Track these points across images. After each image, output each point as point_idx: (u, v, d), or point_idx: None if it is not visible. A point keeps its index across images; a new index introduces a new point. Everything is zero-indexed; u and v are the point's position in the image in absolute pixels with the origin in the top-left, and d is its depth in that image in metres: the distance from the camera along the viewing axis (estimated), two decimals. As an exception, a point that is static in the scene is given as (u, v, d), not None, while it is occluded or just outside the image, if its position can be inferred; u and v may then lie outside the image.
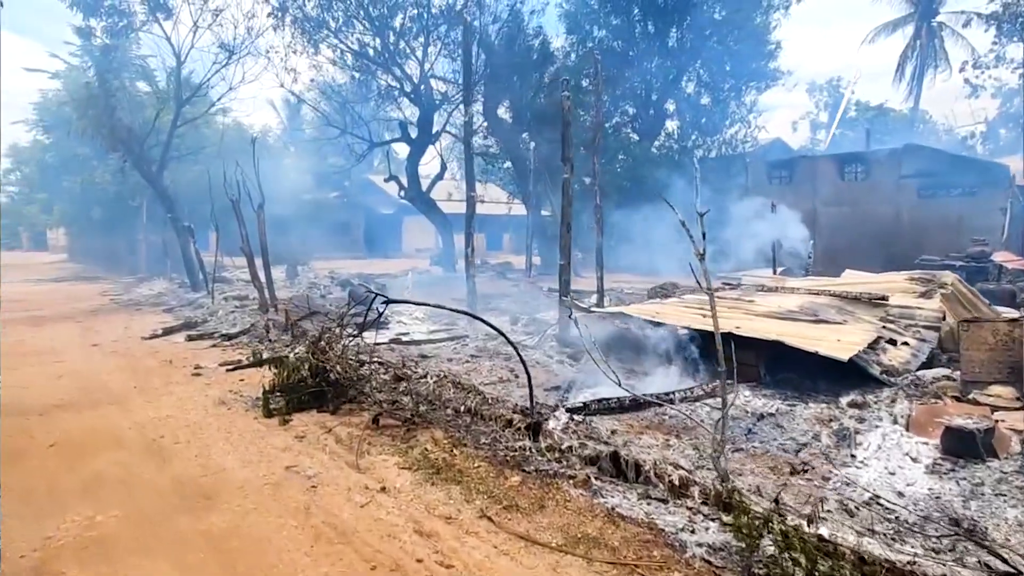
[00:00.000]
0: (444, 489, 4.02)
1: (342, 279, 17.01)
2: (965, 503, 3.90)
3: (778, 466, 4.62)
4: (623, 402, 5.85)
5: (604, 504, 3.79)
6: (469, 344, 8.97)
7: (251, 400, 6.08)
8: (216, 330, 9.97)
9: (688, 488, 3.78)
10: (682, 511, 3.67)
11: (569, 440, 4.60)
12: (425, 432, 5.09)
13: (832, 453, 4.84)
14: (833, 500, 3.95)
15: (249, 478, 4.20)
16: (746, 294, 8.73)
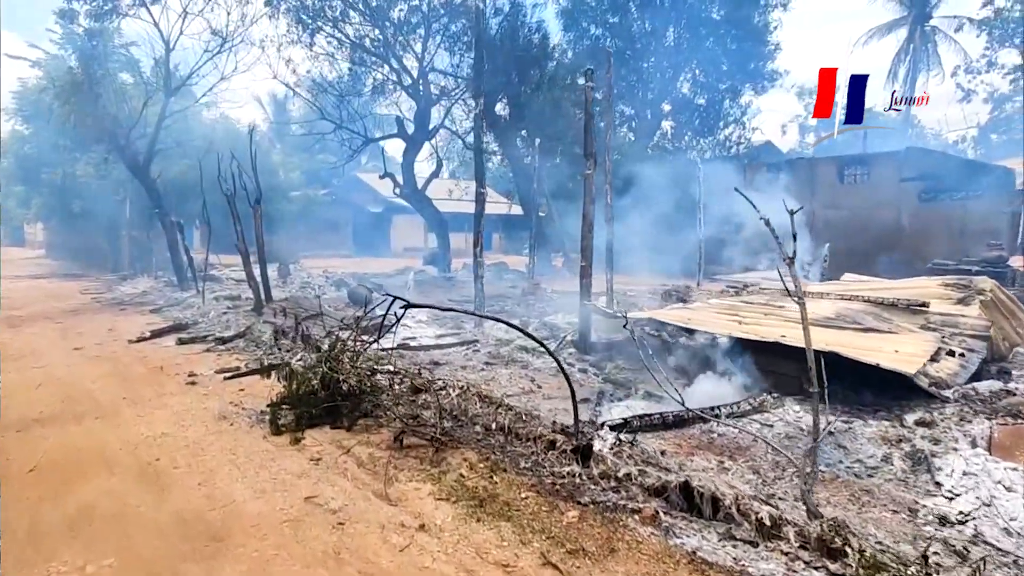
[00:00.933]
0: (493, 527, 3.47)
1: (336, 279, 16.35)
2: (1082, 542, 3.45)
3: (855, 495, 4.13)
4: (666, 418, 5.35)
5: (682, 546, 3.27)
6: (481, 350, 8.42)
7: (255, 414, 5.48)
8: (209, 333, 9.30)
9: (780, 530, 3.26)
10: (776, 556, 3.16)
11: (625, 465, 4.07)
12: (456, 453, 4.54)
13: (910, 480, 4.37)
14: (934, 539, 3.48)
15: (264, 512, 3.61)
16: (775, 299, 8.27)
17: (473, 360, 7.96)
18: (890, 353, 5.59)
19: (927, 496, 4.06)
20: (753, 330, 6.48)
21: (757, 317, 7.12)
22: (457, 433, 4.93)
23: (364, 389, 5.51)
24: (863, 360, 5.36)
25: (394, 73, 18.53)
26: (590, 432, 4.66)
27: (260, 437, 4.93)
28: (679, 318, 6.96)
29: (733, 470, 4.53)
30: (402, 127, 20.04)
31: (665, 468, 4.11)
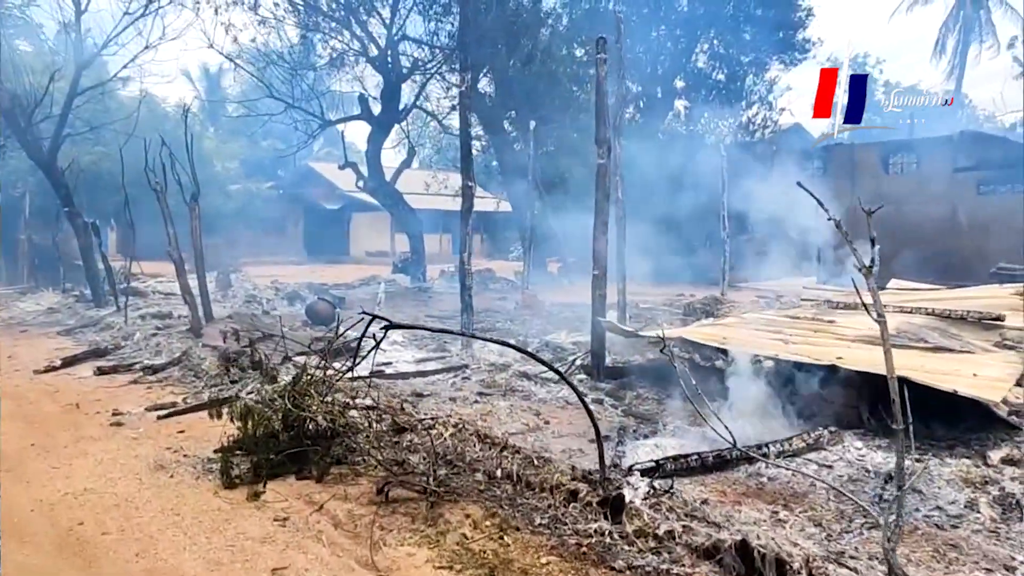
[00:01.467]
0: (512, 605, 3.36)
1: (289, 291, 16.17)
2: None
3: (939, 550, 4.10)
4: (705, 459, 5.30)
5: (744, 623, 3.18)
6: (472, 377, 8.33)
7: (201, 462, 5.33)
8: (135, 360, 9.10)
9: (868, 601, 3.20)
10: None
11: (665, 520, 3.99)
12: (455, 508, 4.43)
13: (1002, 530, 4.36)
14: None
15: (222, 591, 3.47)
16: (823, 313, 8.31)
17: (464, 390, 7.87)
18: (968, 377, 5.61)
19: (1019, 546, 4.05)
20: (804, 351, 6.47)
21: (805, 335, 7.14)
22: (454, 482, 4.82)
23: (336, 430, 5.38)
24: (939, 387, 5.36)
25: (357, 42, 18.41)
26: (618, 479, 4.58)
27: (209, 492, 4.77)
28: (713, 337, 6.94)
29: (790, 522, 4.48)
30: (367, 107, 19.93)
31: (714, 523, 4.04)
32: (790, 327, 7.48)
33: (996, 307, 8.12)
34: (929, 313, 7.90)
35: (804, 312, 8.47)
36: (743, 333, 7.26)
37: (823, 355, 6.30)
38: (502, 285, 19.30)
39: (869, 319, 8.04)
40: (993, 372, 5.80)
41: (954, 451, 5.50)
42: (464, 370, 8.53)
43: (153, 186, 10.50)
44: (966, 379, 5.58)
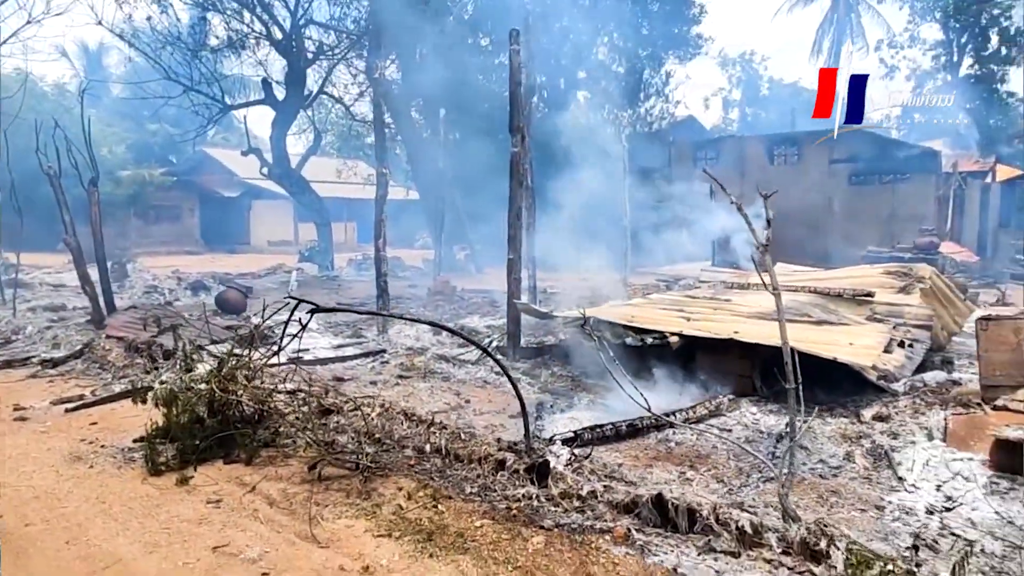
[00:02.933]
0: (450, 562, 3.56)
1: (193, 281, 15.55)
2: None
3: (822, 495, 4.63)
4: (619, 428, 5.68)
5: (661, 565, 3.52)
6: (390, 361, 8.42)
7: (121, 452, 5.21)
8: (31, 354, 8.60)
9: (761, 536, 3.61)
10: (759, 565, 3.49)
11: (587, 482, 4.30)
12: (387, 482, 4.58)
13: (873, 476, 4.95)
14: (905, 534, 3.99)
15: (164, 570, 3.49)
16: (720, 293, 8.91)
17: (383, 373, 7.97)
18: (846, 347, 6.24)
19: (891, 492, 4.62)
20: (703, 327, 6.98)
21: (706, 312, 7.66)
22: (384, 459, 4.97)
23: (264, 413, 5.40)
24: (822, 355, 5.95)
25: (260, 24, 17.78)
26: (541, 448, 4.86)
27: (135, 480, 4.69)
28: (622, 316, 7.34)
29: (696, 480, 4.92)
30: (270, 92, 19.30)
31: (631, 483, 4.39)
32: (691, 306, 8.00)
33: (867, 285, 8.95)
34: (812, 291, 8.61)
35: (703, 292, 9.06)
36: (650, 312, 7.71)
37: (721, 330, 6.80)
38: (411, 273, 19.29)
39: (761, 297, 8.75)
40: (866, 341, 6.48)
41: (833, 412, 6.14)
42: (382, 355, 8.61)
43: (46, 170, 9.87)
44: (844, 348, 6.22)
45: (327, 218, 20.57)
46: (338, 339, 9.55)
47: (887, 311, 8.11)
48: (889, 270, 9.45)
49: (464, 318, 11.09)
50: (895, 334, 7.10)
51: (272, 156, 19.67)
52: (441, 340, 9.47)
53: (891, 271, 9.37)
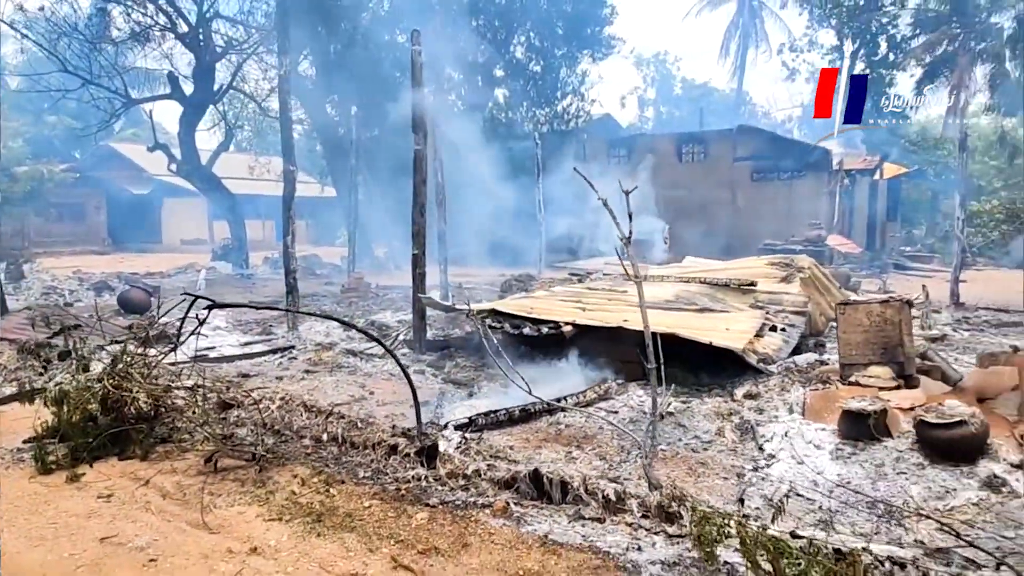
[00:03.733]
0: (335, 539, 3.76)
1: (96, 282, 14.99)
2: (874, 485, 4.59)
3: (692, 468, 5.05)
4: (512, 413, 5.96)
5: (534, 532, 3.82)
6: (298, 357, 8.48)
7: (9, 453, 5.11)
8: (-88, 358, 8.20)
9: (624, 503, 3.96)
10: (622, 528, 3.84)
11: (473, 462, 4.57)
12: (283, 471, 4.72)
13: (739, 448, 5.42)
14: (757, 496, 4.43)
15: (49, 562, 3.54)
16: (618, 285, 9.35)
17: (290, 369, 8.02)
18: (722, 331, 6.74)
19: (752, 461, 5.09)
20: (597, 316, 7.36)
21: (601, 303, 8.06)
22: (282, 449, 5.10)
23: (160, 410, 5.41)
24: (698, 339, 6.42)
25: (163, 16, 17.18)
26: (434, 433, 5.10)
27: (23, 479, 4.65)
28: (521, 308, 7.65)
29: (581, 458, 5.26)
30: (177, 86, 18.69)
31: (514, 461, 4.68)
32: (589, 297, 8.40)
33: (753, 275, 9.58)
34: (702, 282, 9.18)
35: (602, 284, 9.49)
36: (548, 303, 8.06)
37: (613, 319, 7.18)
38: (329, 270, 19.16)
39: (655, 288, 9.22)
40: (741, 326, 7.00)
41: (711, 392, 6.62)
42: (290, 351, 8.64)
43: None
44: (720, 333, 6.71)
45: (240, 216, 20.13)
46: (247, 336, 9.50)
47: (768, 299, 8.74)
48: (773, 261, 10.14)
49: (376, 314, 11.19)
50: (769, 319, 7.68)
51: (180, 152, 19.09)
52: (351, 335, 9.54)
53: (775, 262, 10.06)
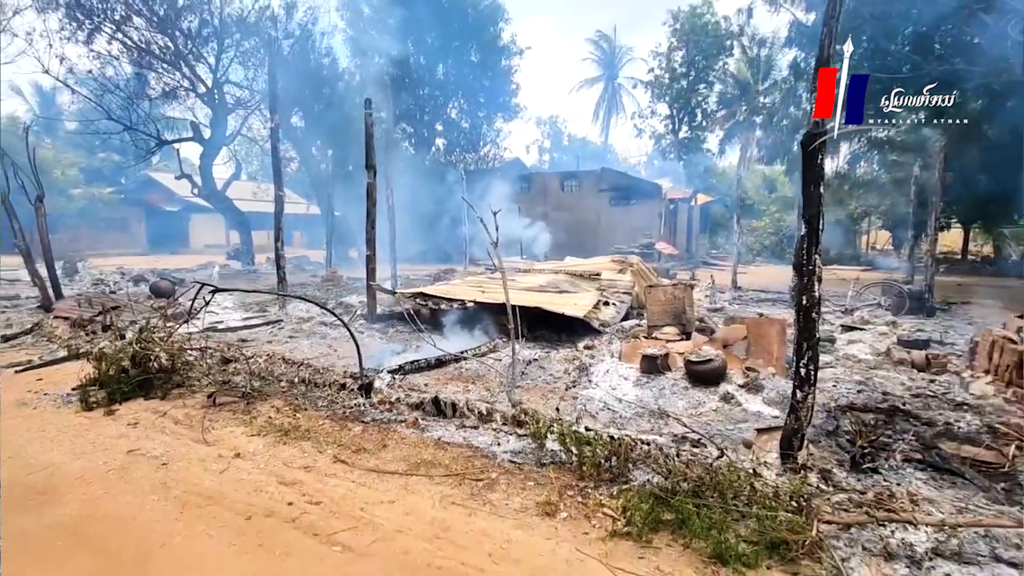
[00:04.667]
0: (296, 446, 3.91)
1: (135, 275, 14.14)
2: (656, 400, 5.07)
3: (544, 394, 5.41)
4: (430, 361, 6.17)
5: (432, 437, 4.09)
6: (285, 328, 8.38)
7: (60, 398, 4.96)
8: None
9: (492, 416, 4.29)
10: (489, 432, 4.16)
11: (396, 393, 4.78)
12: (265, 404, 4.79)
13: (577, 381, 5.83)
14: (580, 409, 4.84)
15: (87, 468, 3.55)
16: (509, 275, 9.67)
17: (279, 336, 7.92)
18: (571, 306, 7.15)
19: (584, 389, 5.50)
20: (491, 296, 7.65)
21: (496, 287, 8.35)
22: (266, 389, 5.15)
23: (176, 365, 5.36)
24: (555, 310, 6.80)
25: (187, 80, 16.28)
26: (373, 375, 5.28)
27: (71, 414, 4.55)
28: (439, 291, 7.86)
29: (473, 390, 5.53)
30: (198, 131, 17.72)
31: (424, 392, 4.93)
32: (489, 284, 8.68)
33: (599, 268, 10.09)
34: (567, 273, 9.61)
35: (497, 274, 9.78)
36: (458, 288, 8.29)
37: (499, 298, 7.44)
38: (315, 267, 18.66)
39: (535, 277, 9.46)
40: (583, 301, 7.43)
41: (565, 346, 7.01)
42: (279, 323, 8.52)
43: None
44: (569, 306, 7.11)
45: (248, 227, 19.29)
46: (248, 314, 9.30)
47: (608, 284, 9.27)
48: (614, 259, 10.69)
49: (345, 297, 11.12)
50: (604, 297, 8.17)
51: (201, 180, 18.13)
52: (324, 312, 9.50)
53: (615, 260, 10.61)
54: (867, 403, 4.74)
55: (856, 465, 3.57)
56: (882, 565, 2.51)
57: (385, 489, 3.30)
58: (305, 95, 17.44)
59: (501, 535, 2.80)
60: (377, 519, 2.95)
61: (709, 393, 5.24)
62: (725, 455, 3.04)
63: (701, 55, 32.23)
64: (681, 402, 5.07)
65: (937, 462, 3.67)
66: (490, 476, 3.45)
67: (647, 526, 2.77)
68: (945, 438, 4.05)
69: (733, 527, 2.74)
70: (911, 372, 5.91)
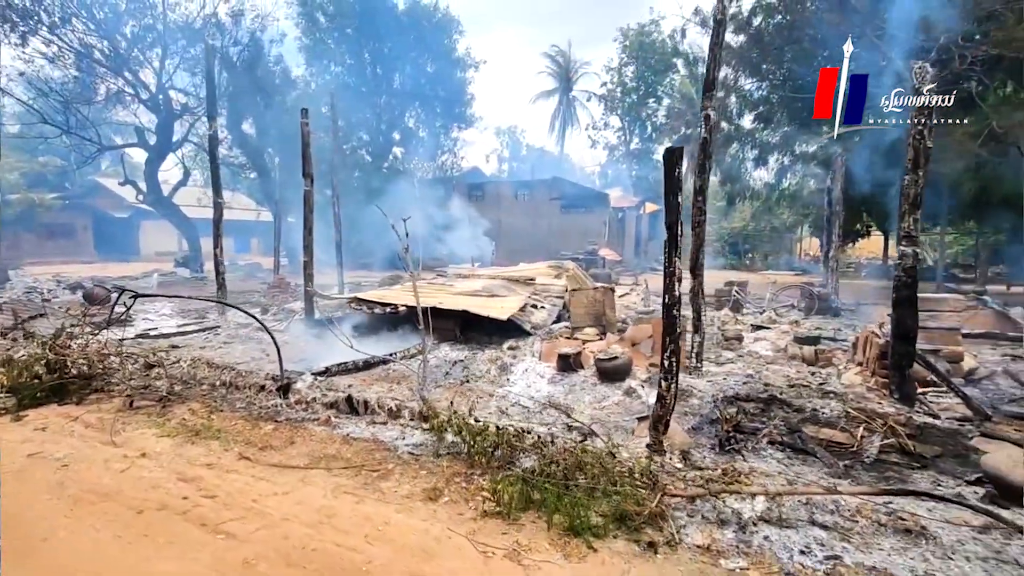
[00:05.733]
0: (204, 446, 3.97)
1: (72, 283, 13.57)
2: (565, 396, 5.33)
3: (463, 392, 5.59)
4: (358, 363, 6.27)
5: (341, 433, 4.21)
6: (221, 334, 8.29)
7: (-33, 405, 4.83)
8: (-102, 342, 7.27)
9: (400, 412, 4.45)
10: (397, 427, 4.31)
11: (313, 393, 4.88)
12: (182, 407, 4.79)
13: (497, 379, 6.05)
14: (494, 406, 5.06)
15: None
16: (450, 279, 9.85)
17: (213, 341, 7.84)
18: (498, 309, 7.37)
19: (501, 387, 5.71)
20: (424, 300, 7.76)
21: (432, 292, 8.50)
22: (186, 393, 5.13)
23: (96, 371, 5.29)
24: (481, 313, 7.01)
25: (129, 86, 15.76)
26: (295, 377, 5.34)
27: (-25, 422, 4.45)
28: (374, 296, 7.95)
29: (397, 390, 5.66)
30: (143, 137, 17.16)
31: (340, 391, 5.04)
32: (426, 288, 8.81)
33: (538, 273, 10.37)
34: (504, 278, 9.83)
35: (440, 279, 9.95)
36: (393, 293, 8.40)
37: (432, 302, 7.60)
38: (266, 274, 18.32)
39: (471, 282, 9.62)
40: (510, 304, 7.66)
41: (492, 347, 7.21)
42: (216, 329, 8.44)
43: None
44: (496, 309, 7.32)
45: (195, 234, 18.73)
46: (185, 320, 9.14)
47: (542, 288, 9.55)
48: (551, 265, 11.01)
49: (290, 303, 11.03)
50: (533, 300, 8.43)
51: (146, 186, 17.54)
52: (265, 316, 9.43)
53: (552, 265, 10.93)
54: (749, 393, 5.14)
55: (722, 447, 3.91)
56: (714, 531, 2.81)
57: (283, 482, 3.41)
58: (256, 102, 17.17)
59: (382, 519, 2.97)
60: (267, 509, 3.07)
61: (615, 388, 5.53)
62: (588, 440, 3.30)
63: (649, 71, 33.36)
64: (588, 396, 5.35)
65: (795, 443, 4.06)
66: (387, 467, 3.61)
67: (516, 506, 2.99)
68: (809, 423, 4.46)
69: (594, 505, 2.99)
70: (801, 366, 6.40)
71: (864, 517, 2.88)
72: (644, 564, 2.56)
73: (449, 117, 26.42)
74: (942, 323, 5.89)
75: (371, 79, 25.51)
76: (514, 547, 2.70)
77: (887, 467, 3.73)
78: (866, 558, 2.57)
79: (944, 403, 4.92)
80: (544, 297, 9.17)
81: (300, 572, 2.52)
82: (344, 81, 24.54)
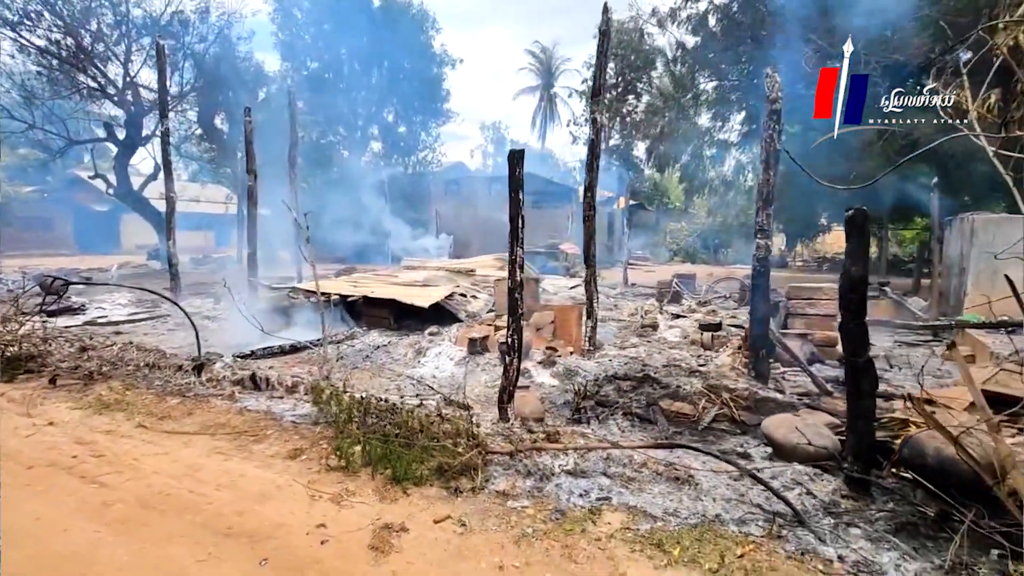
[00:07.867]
0: (110, 416, 4.39)
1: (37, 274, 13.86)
2: (465, 377, 5.79)
3: (377, 373, 6.06)
4: (284, 347, 6.72)
5: (240, 406, 4.64)
6: (169, 322, 8.69)
7: (-95, 384, 5.22)
8: None
9: (296, 388, 4.89)
10: (291, 401, 4.76)
11: (224, 372, 5.31)
12: (104, 385, 5.18)
13: (411, 362, 6.50)
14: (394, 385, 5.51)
15: (-99, 437, 3.93)
16: (396, 270, 10.29)
17: (159, 329, 8.24)
18: (426, 297, 7.81)
19: (413, 368, 6.17)
20: (362, 290, 8.23)
21: (372, 283, 8.94)
22: (111, 373, 5.54)
23: (30, 353, 5.68)
24: (407, 302, 7.46)
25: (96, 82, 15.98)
26: (215, 359, 5.78)
27: (-93, 397, 4.85)
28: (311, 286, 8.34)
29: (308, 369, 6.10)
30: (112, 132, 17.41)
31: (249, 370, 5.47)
32: (369, 279, 9.25)
33: (484, 265, 10.85)
34: (447, 269, 10.28)
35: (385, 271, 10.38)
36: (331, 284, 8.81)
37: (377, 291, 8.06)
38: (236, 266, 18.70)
39: (414, 273, 10.02)
40: (437, 294, 8.11)
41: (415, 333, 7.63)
42: (165, 318, 8.82)
43: None
44: (423, 298, 7.77)
45: (168, 227, 19.06)
46: (137, 309, 9.52)
47: (481, 279, 10.01)
48: (498, 257, 11.46)
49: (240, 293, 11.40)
50: (461, 289, 8.88)
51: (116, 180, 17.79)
52: (216, 306, 9.85)
53: (499, 258, 11.39)
54: (628, 373, 5.63)
55: (574, 417, 4.40)
56: (518, 480, 3.29)
57: (169, 446, 3.85)
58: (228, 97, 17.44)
59: (239, 472, 3.43)
60: (143, 466, 3.51)
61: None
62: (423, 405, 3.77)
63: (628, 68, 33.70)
64: (485, 376, 5.82)
65: (643, 414, 4.55)
66: (265, 433, 4.06)
67: (358, 462, 3.45)
68: (668, 398, 4.95)
69: (428, 461, 3.46)
70: (698, 349, 6.90)
71: (648, 469, 3.37)
72: (443, 503, 3.04)
73: (427, 113, 26.73)
74: (819, 310, 6.39)
75: (348, 75, 25.78)
76: (342, 493, 3.16)
77: (712, 432, 4.23)
78: (632, 499, 3.06)
79: (799, 381, 5.43)
80: (483, 287, 9.62)
81: (149, 512, 2.97)
82: (320, 76, 24.80)
